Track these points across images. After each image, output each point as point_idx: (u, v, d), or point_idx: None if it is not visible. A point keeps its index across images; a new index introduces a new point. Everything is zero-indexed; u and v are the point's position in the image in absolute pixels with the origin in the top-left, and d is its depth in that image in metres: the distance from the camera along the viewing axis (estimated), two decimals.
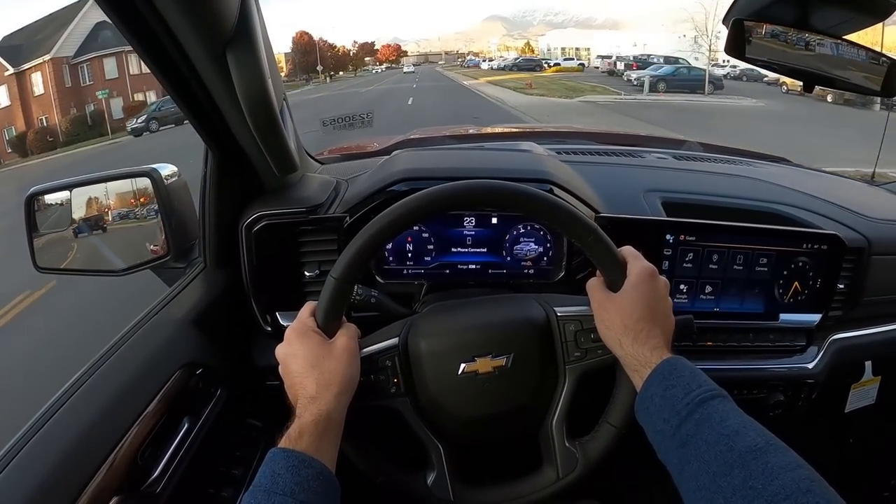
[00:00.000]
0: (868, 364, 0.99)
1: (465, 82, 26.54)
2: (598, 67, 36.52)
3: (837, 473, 1.21)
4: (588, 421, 0.64)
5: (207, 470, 0.71)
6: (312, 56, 64.31)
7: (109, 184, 0.85)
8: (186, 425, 0.66)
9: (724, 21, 0.80)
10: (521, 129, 1.47)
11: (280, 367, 0.59)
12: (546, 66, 40.04)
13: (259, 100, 0.61)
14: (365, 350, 0.60)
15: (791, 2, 0.78)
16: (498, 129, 1.43)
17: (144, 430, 0.60)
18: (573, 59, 49.03)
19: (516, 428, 0.65)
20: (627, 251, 0.62)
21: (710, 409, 0.49)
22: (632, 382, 0.58)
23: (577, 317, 0.63)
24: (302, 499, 0.48)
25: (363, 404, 0.59)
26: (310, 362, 0.56)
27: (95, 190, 0.85)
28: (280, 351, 0.59)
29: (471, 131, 1.45)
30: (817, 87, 0.83)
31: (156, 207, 0.82)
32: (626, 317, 0.57)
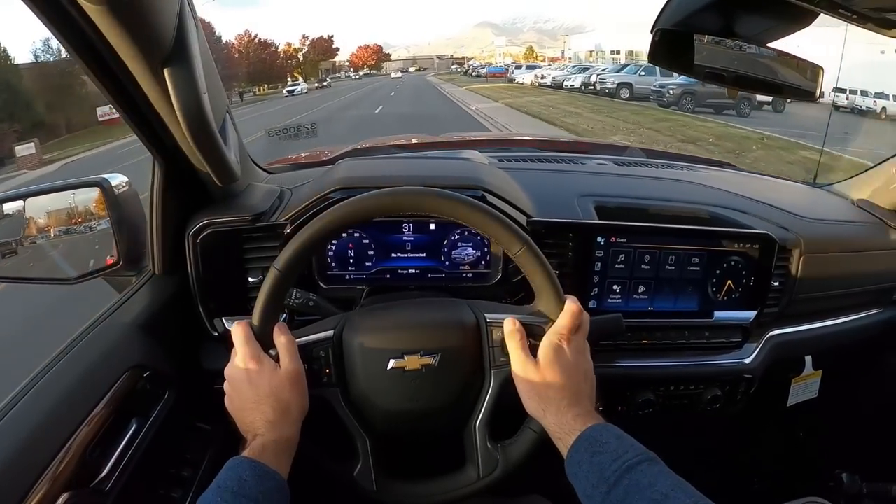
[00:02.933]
0: (808, 359, 1.02)
1: None
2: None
3: (787, 466, 1.24)
4: (511, 425, 0.66)
5: (157, 470, 0.73)
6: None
7: (62, 193, 0.87)
8: (135, 426, 0.68)
9: (651, 31, 0.83)
10: (466, 139, 1.51)
11: (230, 386, 0.61)
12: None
13: (194, 115, 0.63)
14: (300, 339, 0.63)
15: (715, 11, 0.81)
16: (444, 139, 1.47)
17: (93, 429, 0.61)
18: None
19: (441, 426, 0.67)
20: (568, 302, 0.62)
21: (638, 475, 0.50)
22: None
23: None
24: None
25: None
26: (265, 391, 0.58)
27: (48, 200, 0.86)
28: (234, 375, 0.60)
29: (417, 140, 1.47)
30: None
31: (107, 217, 0.84)
32: (546, 389, 0.59)
